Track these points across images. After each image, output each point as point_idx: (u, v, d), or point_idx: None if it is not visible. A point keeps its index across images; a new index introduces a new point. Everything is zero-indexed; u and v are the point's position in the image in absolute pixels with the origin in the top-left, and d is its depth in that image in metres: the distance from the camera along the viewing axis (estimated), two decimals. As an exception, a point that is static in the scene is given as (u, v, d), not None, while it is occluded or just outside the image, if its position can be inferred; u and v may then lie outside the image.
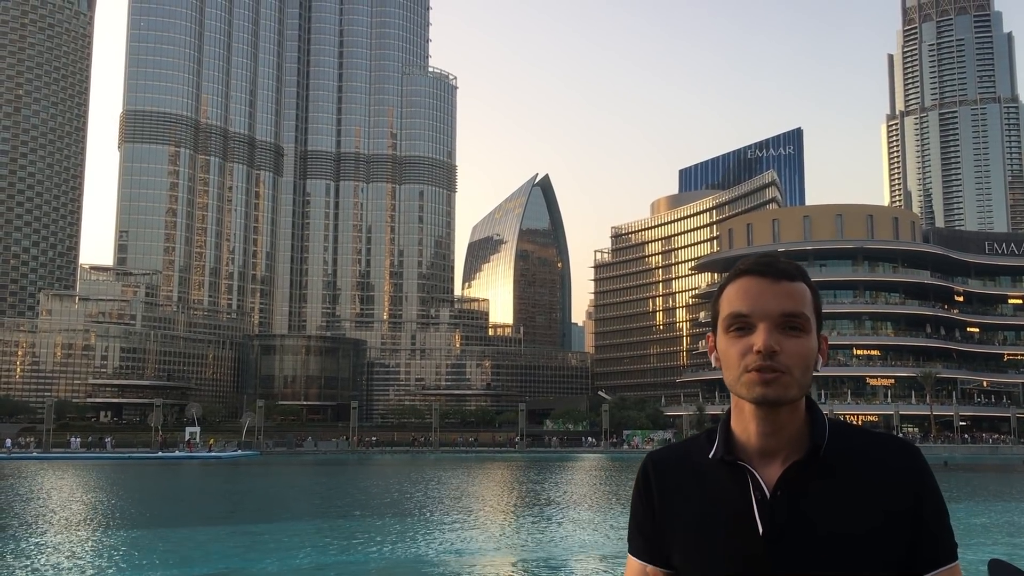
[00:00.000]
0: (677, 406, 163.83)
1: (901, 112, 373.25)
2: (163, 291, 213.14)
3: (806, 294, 2.35)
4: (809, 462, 2.28)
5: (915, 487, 2.27)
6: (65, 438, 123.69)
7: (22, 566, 27.64)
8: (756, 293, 2.31)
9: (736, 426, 2.38)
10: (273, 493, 61.35)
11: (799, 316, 2.30)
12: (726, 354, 2.34)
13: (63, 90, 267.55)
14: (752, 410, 2.31)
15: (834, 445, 2.31)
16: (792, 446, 2.31)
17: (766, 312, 2.29)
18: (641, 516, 2.46)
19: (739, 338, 2.31)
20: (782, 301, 2.30)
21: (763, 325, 2.28)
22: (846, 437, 2.34)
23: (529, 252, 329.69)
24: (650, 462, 2.50)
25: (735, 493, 2.29)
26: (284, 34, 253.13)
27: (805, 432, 2.33)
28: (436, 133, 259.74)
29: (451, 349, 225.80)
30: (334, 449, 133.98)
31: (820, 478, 2.27)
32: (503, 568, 28.16)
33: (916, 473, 2.29)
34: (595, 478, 77.13)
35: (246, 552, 30.70)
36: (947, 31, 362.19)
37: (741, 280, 2.36)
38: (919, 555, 2.25)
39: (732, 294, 2.36)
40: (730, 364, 2.33)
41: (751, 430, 2.33)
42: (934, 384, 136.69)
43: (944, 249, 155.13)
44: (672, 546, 2.35)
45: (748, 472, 2.31)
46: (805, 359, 2.28)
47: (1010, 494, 57.49)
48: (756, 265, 2.37)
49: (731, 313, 2.33)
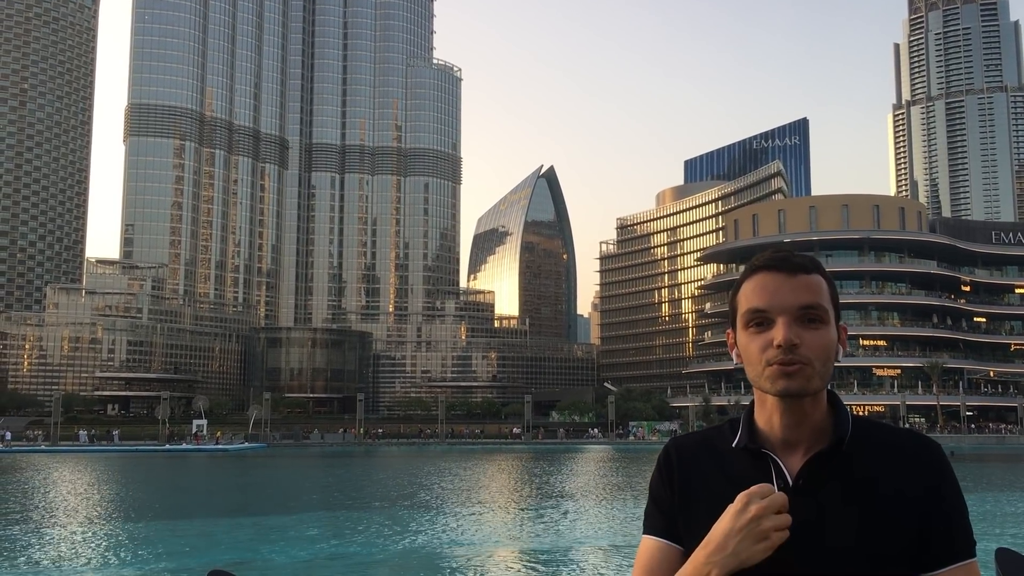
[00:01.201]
0: (683, 397, 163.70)
1: (907, 101, 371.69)
2: (169, 284, 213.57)
3: (822, 286, 2.36)
4: (832, 453, 2.30)
5: (935, 481, 2.29)
6: (73, 431, 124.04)
7: (33, 557, 27.78)
8: (773, 288, 2.33)
9: (759, 418, 2.40)
10: (280, 485, 61.53)
11: (817, 308, 2.31)
12: (747, 350, 2.36)
13: (68, 84, 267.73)
14: (775, 402, 2.33)
15: (856, 438, 2.33)
16: (815, 437, 2.34)
17: (784, 306, 2.31)
18: (660, 494, 2.47)
19: (759, 333, 2.33)
20: (799, 294, 2.31)
21: (782, 319, 2.30)
22: (869, 431, 2.37)
23: (534, 244, 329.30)
24: (672, 446, 2.53)
25: (758, 480, 2.29)
26: (288, 26, 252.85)
27: (828, 424, 2.35)
28: (441, 125, 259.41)
29: (457, 341, 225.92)
30: (340, 441, 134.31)
31: (842, 469, 2.30)
32: (511, 558, 28.22)
33: (936, 469, 2.31)
34: (603, 469, 77.19)
35: (255, 543, 30.79)
36: (953, 20, 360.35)
37: (757, 276, 2.38)
38: (937, 549, 2.26)
39: (749, 290, 2.38)
40: (751, 360, 2.34)
41: (774, 422, 2.35)
42: (941, 374, 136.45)
43: (951, 239, 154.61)
44: (690, 529, 2.35)
45: (772, 460, 2.33)
46: (826, 350, 2.30)
47: (1017, 484, 57.47)
48: (771, 260, 2.37)
49: (749, 309, 2.35)
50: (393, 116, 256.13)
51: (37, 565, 26.57)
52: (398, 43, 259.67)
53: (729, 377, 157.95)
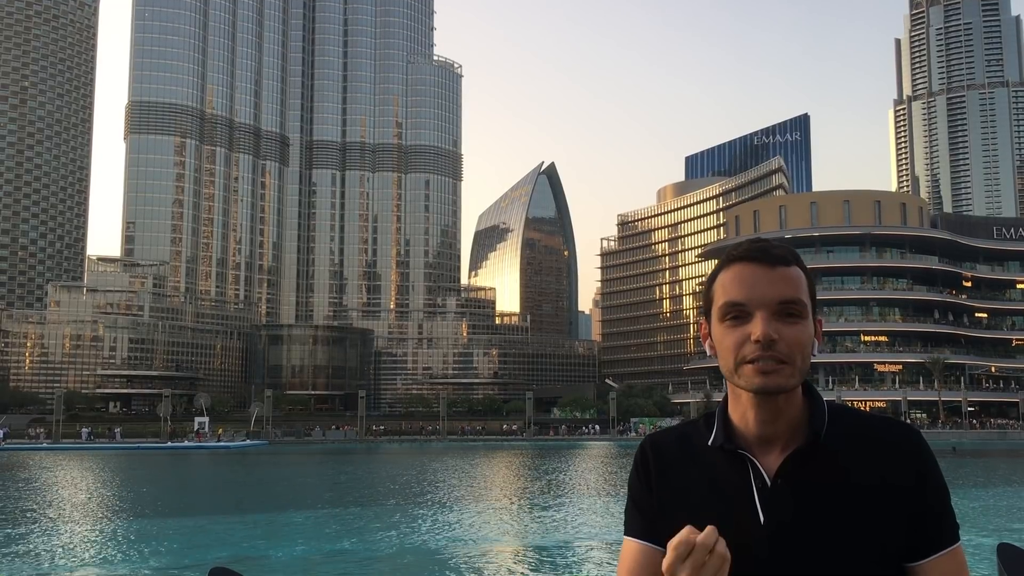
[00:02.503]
0: (684, 393, 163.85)
1: (908, 97, 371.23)
2: (170, 282, 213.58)
3: (801, 279, 2.29)
4: (809, 449, 2.24)
5: (916, 468, 2.23)
6: (75, 428, 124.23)
7: (34, 555, 27.79)
8: (752, 281, 2.25)
9: (734, 413, 2.33)
10: (282, 482, 61.55)
11: (796, 302, 2.24)
12: (721, 343, 2.28)
13: (69, 82, 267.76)
14: (750, 398, 2.27)
15: (834, 430, 2.27)
16: (791, 432, 2.28)
17: (763, 300, 2.23)
18: (639, 496, 2.41)
19: (735, 327, 2.25)
20: (779, 288, 2.24)
21: (760, 313, 2.22)
22: (845, 421, 2.31)
23: (535, 240, 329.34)
24: (648, 443, 2.45)
25: (735, 482, 2.25)
26: (289, 24, 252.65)
27: (804, 418, 2.29)
28: (441, 122, 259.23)
29: (458, 338, 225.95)
30: (342, 438, 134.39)
31: (821, 464, 2.23)
32: (511, 554, 28.22)
33: (917, 455, 2.25)
34: (603, 465, 77.20)
35: (256, 540, 30.83)
36: (955, 15, 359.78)
37: (735, 267, 2.29)
38: (922, 536, 2.22)
39: (727, 281, 2.29)
40: (726, 353, 2.27)
41: (749, 417, 2.29)
42: (942, 370, 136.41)
43: (952, 234, 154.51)
44: (670, 530, 2.21)
45: (748, 460, 2.27)
46: (804, 346, 2.24)
47: (1019, 480, 57.42)
48: (750, 251, 2.28)
49: (727, 302, 2.27)
50: (394, 113, 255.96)
51: (39, 563, 26.58)
52: (398, 40, 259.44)
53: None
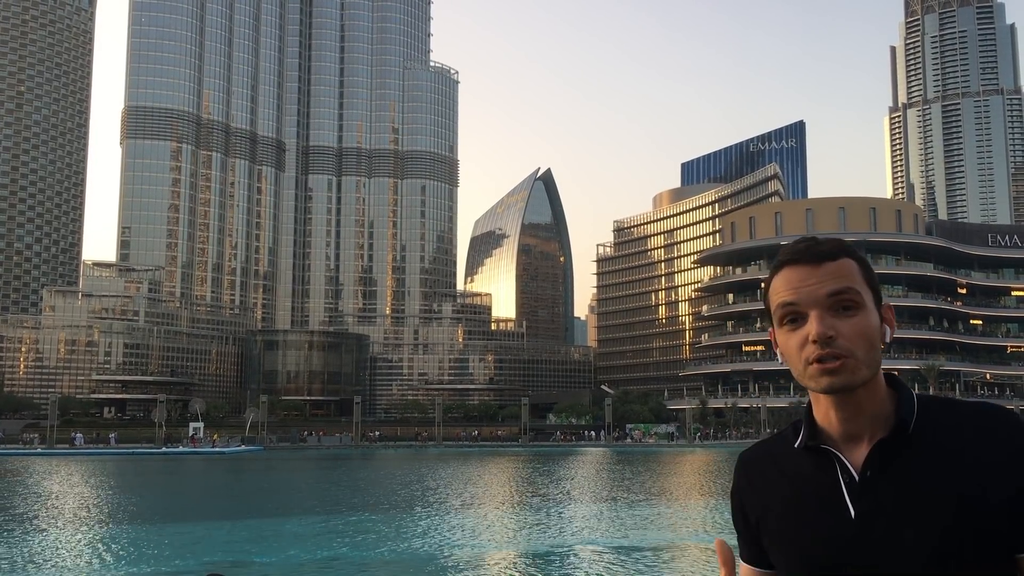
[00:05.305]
0: (680, 399, 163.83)
1: (903, 104, 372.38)
2: (166, 287, 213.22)
3: (852, 268, 2.25)
4: (895, 440, 2.19)
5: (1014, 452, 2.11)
6: (69, 434, 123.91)
7: (30, 559, 27.72)
8: (799, 281, 2.24)
9: (818, 414, 2.30)
10: (277, 487, 61.46)
11: (847, 291, 2.20)
12: (786, 348, 2.27)
13: (65, 87, 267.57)
14: (827, 398, 2.23)
15: (925, 420, 2.20)
16: (877, 426, 2.22)
17: (813, 298, 2.21)
18: (736, 522, 2.44)
19: (794, 330, 2.24)
20: (826, 282, 2.21)
21: (814, 312, 2.20)
22: (937, 410, 2.24)
23: (531, 246, 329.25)
24: (740, 462, 2.47)
25: (823, 478, 2.23)
26: (285, 29, 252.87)
27: (891, 410, 2.24)
28: (438, 128, 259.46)
29: (454, 344, 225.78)
30: (337, 444, 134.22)
31: (910, 455, 2.17)
32: (508, 560, 28.20)
33: (1014, 439, 2.13)
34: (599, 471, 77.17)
35: (251, 545, 30.78)
36: (949, 23, 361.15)
37: (783, 271, 2.29)
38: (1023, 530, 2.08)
39: (778, 286, 2.29)
40: (792, 358, 2.25)
41: (831, 417, 2.25)
42: (937, 377, 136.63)
43: (947, 241, 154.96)
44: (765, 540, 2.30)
45: (834, 456, 2.24)
46: (866, 336, 2.19)
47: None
48: (794, 253, 2.28)
49: (780, 304, 2.26)
50: (390, 119, 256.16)
51: (36, 567, 26.51)
52: (395, 46, 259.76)
53: (726, 379, 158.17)
